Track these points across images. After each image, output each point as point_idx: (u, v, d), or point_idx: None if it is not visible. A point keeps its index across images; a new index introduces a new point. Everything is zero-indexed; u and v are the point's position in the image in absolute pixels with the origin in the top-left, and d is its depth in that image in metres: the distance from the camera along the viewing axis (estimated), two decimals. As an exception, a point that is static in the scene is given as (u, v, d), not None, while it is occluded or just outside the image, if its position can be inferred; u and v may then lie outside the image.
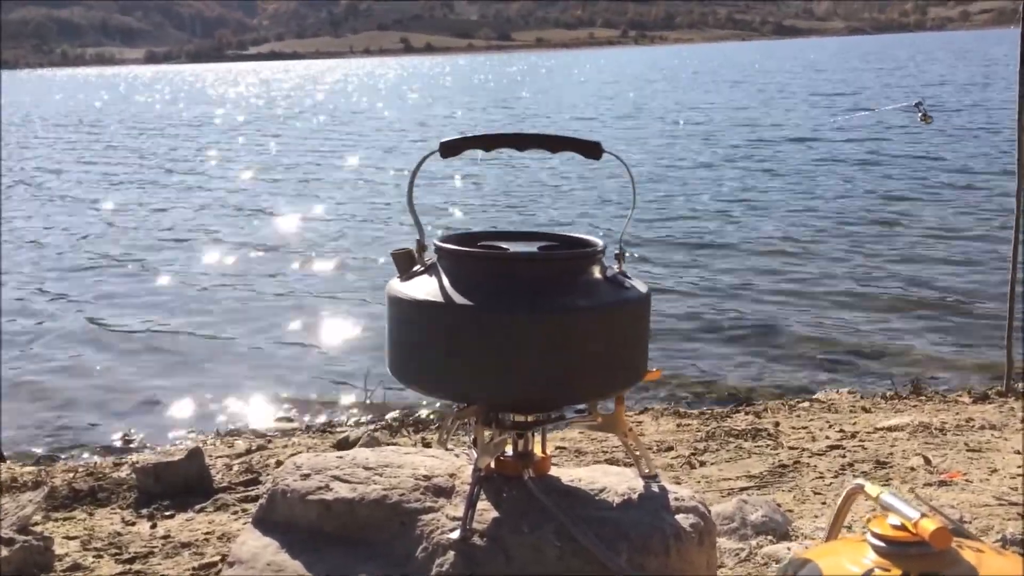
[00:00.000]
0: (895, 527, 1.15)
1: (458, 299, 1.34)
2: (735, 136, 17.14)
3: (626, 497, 1.48)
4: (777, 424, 3.52)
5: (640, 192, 8.75)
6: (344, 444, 3.32)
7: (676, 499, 1.50)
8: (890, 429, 3.33)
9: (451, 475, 1.53)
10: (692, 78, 43.48)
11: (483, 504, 1.42)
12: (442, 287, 1.37)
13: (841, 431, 3.36)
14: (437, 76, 66.08)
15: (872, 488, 1.26)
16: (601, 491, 1.49)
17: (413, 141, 18.79)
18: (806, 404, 3.98)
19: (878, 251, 7.80)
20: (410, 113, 28.28)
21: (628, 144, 16.09)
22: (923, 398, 3.96)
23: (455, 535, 1.37)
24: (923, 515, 1.13)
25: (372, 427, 3.75)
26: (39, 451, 4.20)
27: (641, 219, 9.26)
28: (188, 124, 26.25)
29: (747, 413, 3.81)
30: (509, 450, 1.49)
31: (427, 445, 3.15)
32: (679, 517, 1.45)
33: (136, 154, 18.20)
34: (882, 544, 1.15)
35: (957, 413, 3.56)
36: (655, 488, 1.52)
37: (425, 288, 1.39)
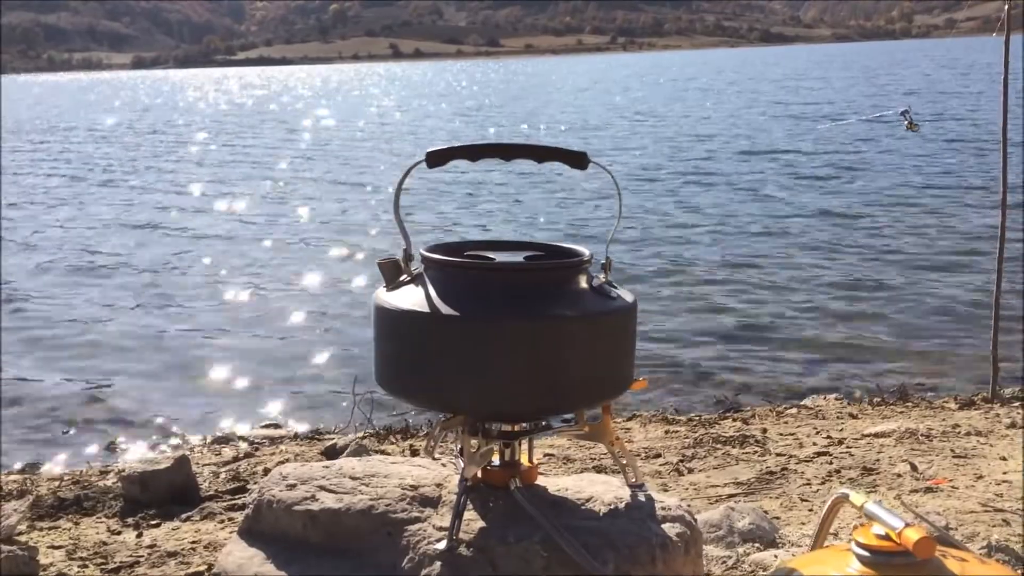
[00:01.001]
0: (879, 536, 1.15)
1: (444, 309, 1.34)
2: (738, 144, 17.16)
3: (613, 507, 1.48)
4: (765, 431, 3.53)
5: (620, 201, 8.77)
6: (331, 452, 3.31)
7: (662, 508, 1.50)
8: (877, 435, 3.34)
9: (438, 485, 1.53)
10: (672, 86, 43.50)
11: (470, 514, 1.42)
12: (428, 297, 1.37)
13: (828, 437, 3.37)
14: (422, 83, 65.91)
15: (857, 497, 1.27)
16: (588, 500, 1.49)
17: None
18: (794, 410, 3.98)
19: (864, 258, 7.84)
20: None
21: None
22: (910, 404, 3.97)
23: (442, 545, 1.37)
24: (907, 524, 1.13)
25: (360, 435, 3.74)
26: (24, 460, 4.17)
27: (628, 226, 9.28)
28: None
29: (735, 420, 3.82)
30: (496, 459, 1.49)
31: (415, 453, 3.15)
32: (665, 526, 1.45)
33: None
34: (866, 554, 1.15)
35: (943, 419, 3.57)
36: (641, 497, 1.52)
37: (411, 298, 1.38)
